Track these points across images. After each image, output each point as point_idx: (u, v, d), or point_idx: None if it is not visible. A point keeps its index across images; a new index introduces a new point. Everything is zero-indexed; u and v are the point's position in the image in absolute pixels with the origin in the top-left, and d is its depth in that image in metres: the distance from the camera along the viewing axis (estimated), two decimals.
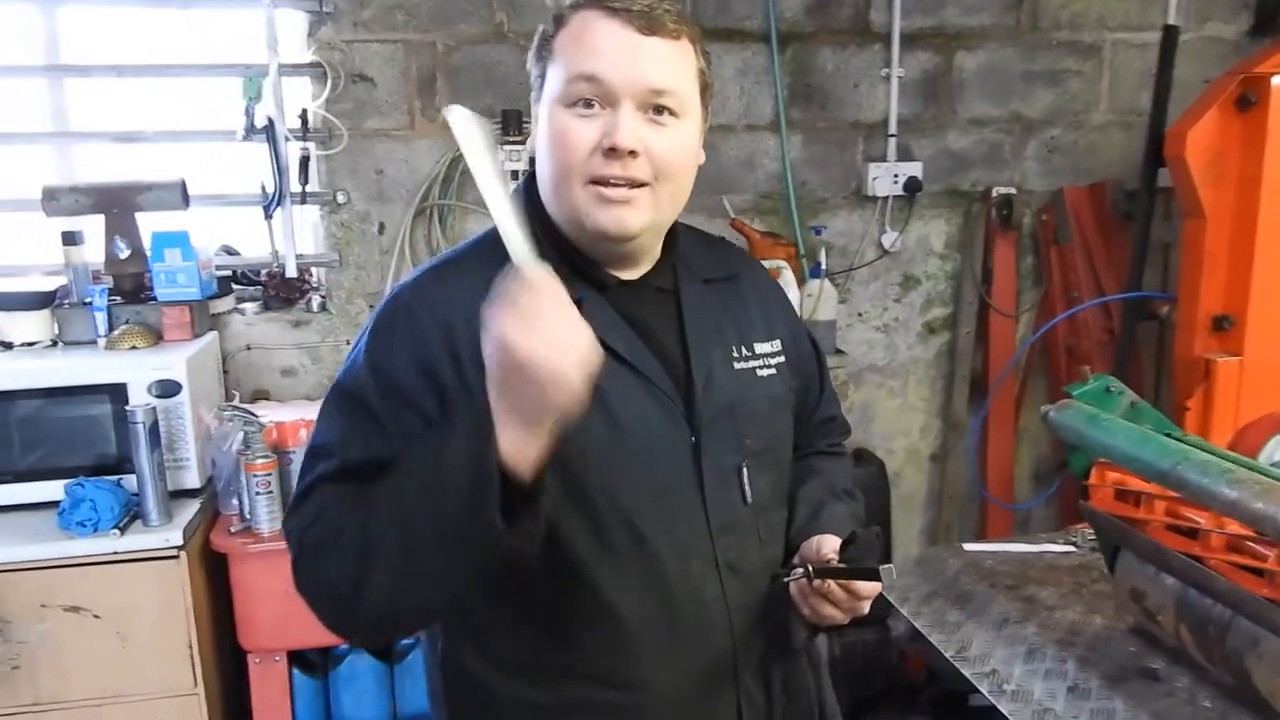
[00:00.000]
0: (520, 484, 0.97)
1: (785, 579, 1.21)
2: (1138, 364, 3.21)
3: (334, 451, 1.12)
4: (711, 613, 1.19)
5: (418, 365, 1.11)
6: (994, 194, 3.21)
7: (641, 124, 1.10)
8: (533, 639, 1.18)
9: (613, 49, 1.09)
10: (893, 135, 3.17)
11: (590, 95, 1.10)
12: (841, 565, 1.17)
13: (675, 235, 1.26)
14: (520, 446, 0.95)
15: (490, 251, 1.08)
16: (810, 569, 1.18)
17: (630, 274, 1.22)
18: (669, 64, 1.12)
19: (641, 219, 1.13)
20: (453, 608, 1.15)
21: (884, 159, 3.18)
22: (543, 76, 1.16)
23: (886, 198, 3.19)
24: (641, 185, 1.12)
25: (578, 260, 1.18)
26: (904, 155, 3.19)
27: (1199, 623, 1.59)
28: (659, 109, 1.11)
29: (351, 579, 1.03)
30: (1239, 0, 3.32)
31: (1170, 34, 2.95)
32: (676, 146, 1.13)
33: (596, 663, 1.17)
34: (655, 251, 1.24)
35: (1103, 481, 1.78)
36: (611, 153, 1.09)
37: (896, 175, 3.16)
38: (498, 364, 0.93)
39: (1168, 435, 1.65)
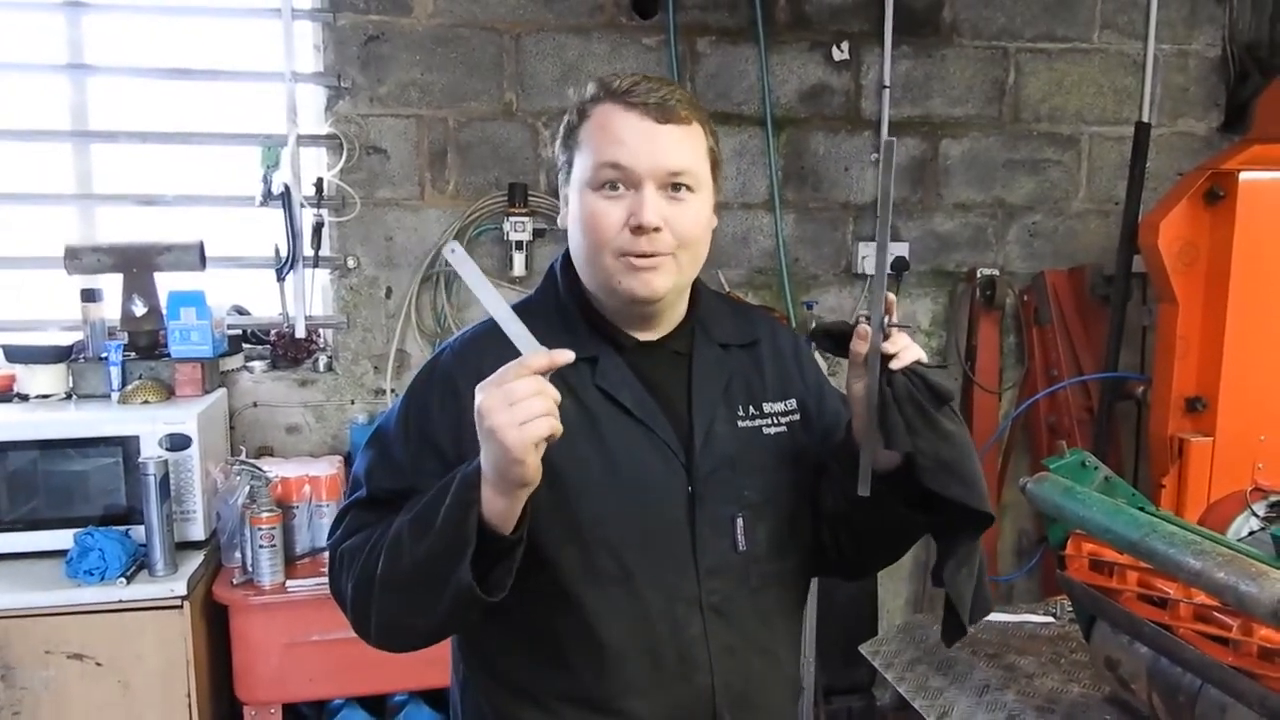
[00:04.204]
0: (500, 536, 1.13)
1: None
2: (1117, 442, 3.30)
3: (364, 482, 1.31)
4: (693, 651, 1.27)
5: (447, 414, 1.26)
6: (978, 275, 3.34)
7: (662, 202, 1.23)
8: (532, 663, 1.28)
9: (633, 138, 1.23)
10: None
11: (615, 179, 1.23)
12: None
13: (698, 300, 1.37)
14: (496, 507, 1.11)
15: (522, 319, 1.26)
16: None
17: (649, 335, 1.33)
18: (683, 147, 1.25)
19: (667, 282, 1.26)
20: (440, 631, 1.27)
21: (873, 239, 3.30)
22: (569, 163, 1.30)
23: None
24: (664, 255, 1.25)
25: (600, 323, 1.32)
26: (892, 236, 3.31)
27: (1170, 691, 1.65)
28: (676, 186, 1.25)
29: (363, 593, 1.22)
30: (1210, 99, 3.50)
31: (1142, 131, 3.12)
32: (693, 218, 1.27)
33: (587, 689, 1.25)
34: (676, 314, 1.35)
35: (1078, 552, 1.85)
36: (638, 230, 1.22)
37: None
38: (478, 428, 1.09)
39: (1140, 509, 1.73)
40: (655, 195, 1.23)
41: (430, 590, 1.15)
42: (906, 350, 1.20)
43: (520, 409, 1.06)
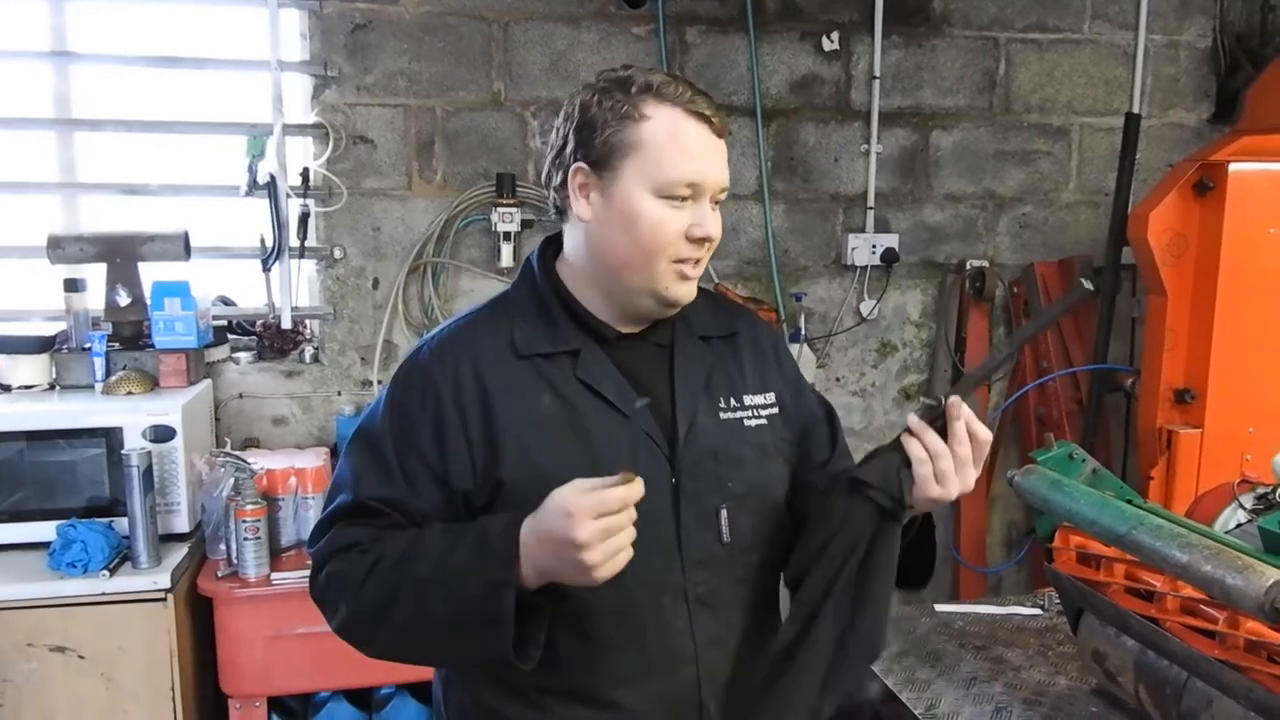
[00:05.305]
0: (523, 590, 1.15)
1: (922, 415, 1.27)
2: (1105, 433, 3.31)
3: (350, 486, 1.28)
4: (679, 643, 1.27)
5: (429, 416, 1.26)
6: (967, 266, 3.34)
7: (712, 212, 1.27)
8: None
9: (705, 153, 1.25)
10: (871, 208, 3.29)
11: (689, 195, 1.24)
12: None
13: None
14: (531, 580, 1.14)
15: (501, 313, 1.31)
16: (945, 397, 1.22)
17: (631, 328, 1.33)
18: (726, 161, 1.29)
19: (696, 286, 1.31)
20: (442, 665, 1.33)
21: (862, 230, 3.30)
22: (609, 158, 1.25)
23: (865, 267, 3.31)
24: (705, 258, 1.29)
25: (581, 315, 1.31)
26: (882, 227, 3.32)
27: (1157, 683, 1.65)
28: (715, 199, 1.28)
29: (366, 625, 1.23)
30: (1200, 90, 3.49)
31: (1132, 122, 3.11)
32: (720, 223, 1.30)
33: (574, 681, 1.26)
34: None
35: (1066, 545, 1.85)
36: (703, 240, 1.25)
37: (874, 246, 3.28)
38: (556, 528, 1.09)
39: (1127, 501, 1.72)
40: (709, 207, 1.26)
41: (456, 649, 1.21)
42: (946, 462, 1.22)
43: (614, 543, 1.09)
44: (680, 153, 1.23)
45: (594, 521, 1.07)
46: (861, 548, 1.23)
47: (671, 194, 1.23)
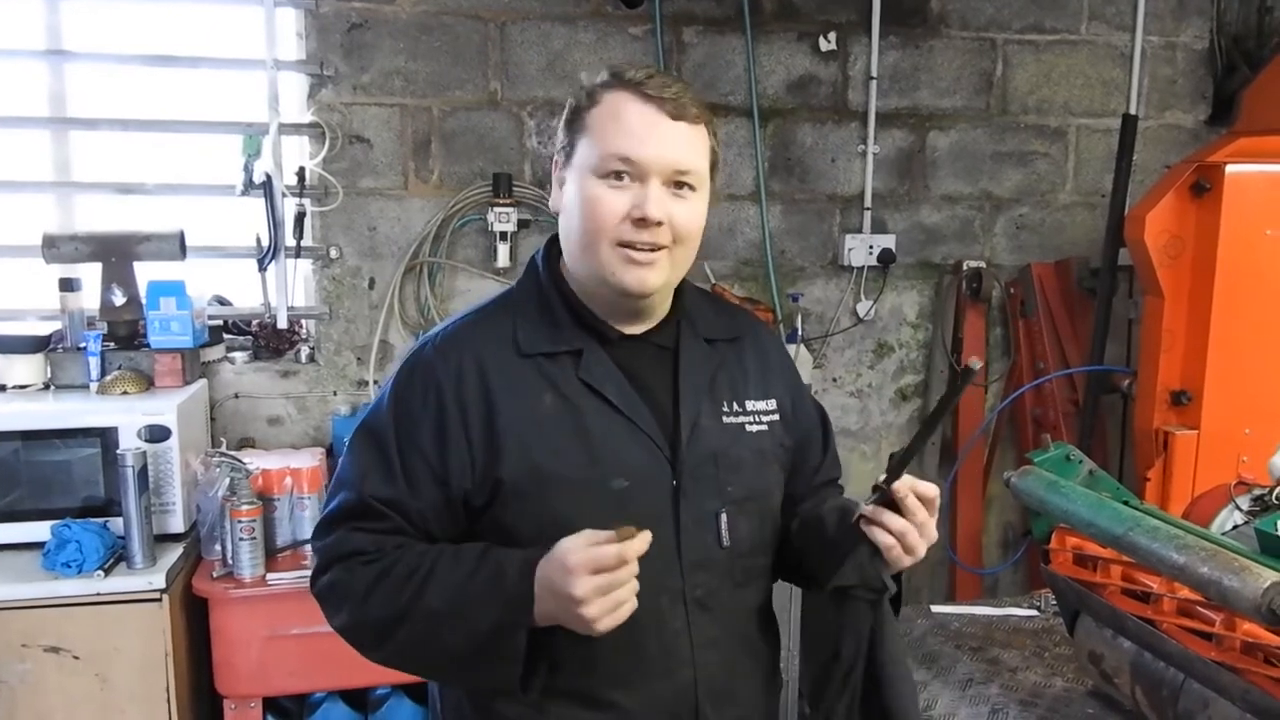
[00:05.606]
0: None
1: (866, 504, 1.25)
2: (1102, 435, 3.31)
3: (353, 484, 1.28)
4: (676, 645, 1.27)
5: (430, 414, 1.26)
6: (964, 267, 3.34)
7: (666, 197, 1.24)
8: None
9: (646, 132, 1.23)
10: (868, 208, 3.29)
11: (623, 170, 1.23)
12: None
13: (682, 295, 1.37)
14: (539, 616, 1.18)
15: (504, 312, 1.32)
16: (883, 481, 1.21)
17: (634, 329, 1.33)
18: (691, 146, 1.26)
19: (659, 278, 1.27)
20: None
21: (859, 231, 3.30)
22: (571, 145, 1.28)
23: (861, 268, 3.31)
24: (661, 248, 1.25)
25: (584, 314, 1.31)
26: (878, 228, 3.32)
27: (1153, 685, 1.65)
28: (680, 184, 1.25)
29: (371, 636, 1.26)
30: (1197, 91, 3.50)
31: (1129, 123, 3.11)
32: (693, 215, 1.27)
33: (571, 681, 1.25)
34: (662, 309, 1.35)
35: (1062, 546, 1.85)
36: (641, 222, 1.22)
37: (871, 246, 3.28)
38: (556, 580, 1.13)
39: (1123, 503, 1.72)
40: (660, 190, 1.23)
41: (460, 676, 1.26)
42: (913, 537, 1.22)
43: (614, 597, 1.11)
44: (617, 130, 1.23)
45: (590, 577, 1.10)
46: (866, 641, 1.31)
47: (607, 170, 1.23)
